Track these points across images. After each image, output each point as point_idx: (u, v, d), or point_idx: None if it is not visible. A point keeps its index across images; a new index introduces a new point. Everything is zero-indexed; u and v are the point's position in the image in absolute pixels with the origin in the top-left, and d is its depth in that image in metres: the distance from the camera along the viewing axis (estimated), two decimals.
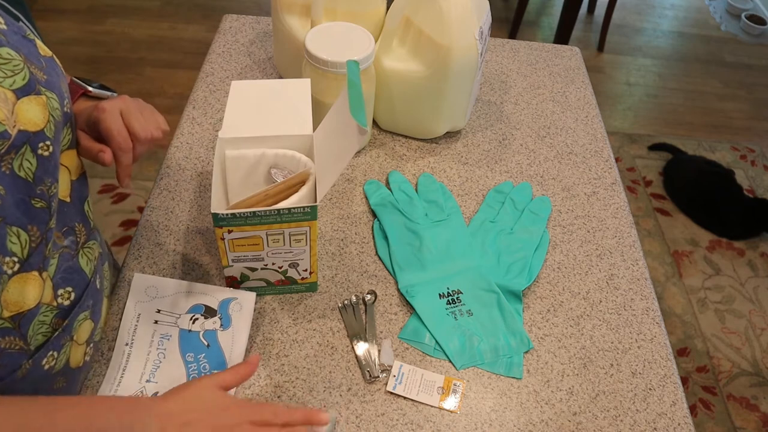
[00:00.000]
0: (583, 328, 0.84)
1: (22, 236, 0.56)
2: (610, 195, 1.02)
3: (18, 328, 0.58)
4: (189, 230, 0.90)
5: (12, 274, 0.55)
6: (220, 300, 0.78)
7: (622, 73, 2.93)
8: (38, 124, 0.55)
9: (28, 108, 0.55)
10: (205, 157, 1.00)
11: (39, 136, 0.56)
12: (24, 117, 0.54)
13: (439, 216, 0.93)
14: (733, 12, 3.43)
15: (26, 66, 0.55)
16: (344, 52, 0.88)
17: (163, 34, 2.80)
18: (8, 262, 0.55)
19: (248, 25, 1.26)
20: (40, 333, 0.62)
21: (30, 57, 0.57)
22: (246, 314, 0.78)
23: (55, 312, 0.63)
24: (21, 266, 0.56)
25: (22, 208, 0.55)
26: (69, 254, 0.65)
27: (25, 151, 0.54)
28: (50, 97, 0.58)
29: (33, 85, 0.55)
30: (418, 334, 0.80)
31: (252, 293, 0.79)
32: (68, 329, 0.66)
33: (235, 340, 0.76)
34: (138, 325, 0.76)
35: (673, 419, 0.76)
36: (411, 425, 0.73)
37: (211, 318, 0.77)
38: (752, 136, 2.69)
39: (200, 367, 0.73)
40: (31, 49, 0.58)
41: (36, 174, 0.56)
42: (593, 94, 1.22)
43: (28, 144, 0.55)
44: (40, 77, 0.57)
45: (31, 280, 0.58)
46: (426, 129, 1.05)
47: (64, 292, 0.64)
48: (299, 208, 0.69)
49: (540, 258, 0.91)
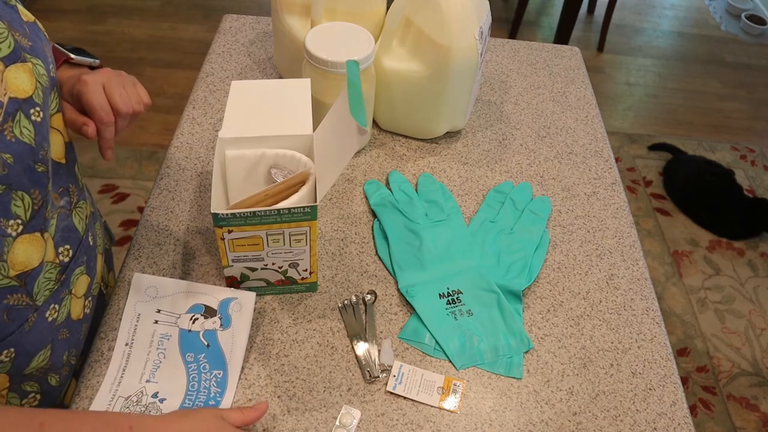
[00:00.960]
0: (583, 328, 0.84)
1: (26, 199, 0.58)
2: (610, 195, 1.02)
3: (24, 286, 0.61)
4: (189, 230, 0.90)
5: (16, 235, 0.58)
6: (220, 300, 0.78)
7: (622, 73, 2.93)
8: (27, 90, 0.56)
9: (16, 75, 0.55)
10: (205, 157, 1.00)
11: (29, 103, 0.57)
12: (13, 84, 0.55)
13: (439, 216, 0.93)
14: (733, 12, 3.43)
15: (10, 33, 0.55)
16: (344, 52, 0.88)
17: (163, 34, 2.80)
18: (12, 225, 0.57)
19: (248, 25, 1.26)
20: (47, 289, 0.65)
21: (13, 24, 0.57)
22: (246, 314, 0.77)
23: (57, 269, 0.66)
24: (24, 228, 0.58)
25: (27, 173, 0.57)
26: (65, 214, 0.68)
27: (20, 117, 0.55)
28: (36, 63, 0.58)
29: (18, 52, 0.56)
30: (418, 334, 0.80)
31: (252, 293, 0.79)
32: (66, 283, 0.69)
33: (235, 339, 0.76)
34: (138, 325, 0.76)
35: (673, 419, 0.76)
36: (411, 425, 0.73)
37: (211, 318, 0.77)
38: (752, 136, 2.69)
39: (200, 367, 0.73)
40: (14, 16, 0.58)
41: (36, 140, 0.57)
42: (593, 94, 1.22)
43: (21, 110, 0.56)
44: (25, 44, 0.57)
45: (34, 241, 0.60)
46: (426, 129, 1.05)
47: (64, 250, 0.67)
48: (299, 208, 0.69)
49: (540, 258, 0.91)
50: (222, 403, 0.71)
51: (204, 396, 0.71)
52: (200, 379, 0.73)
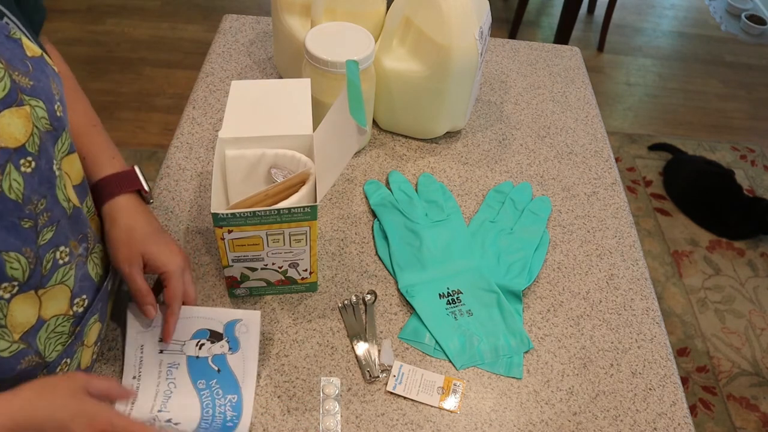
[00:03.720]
0: (583, 328, 0.84)
1: (22, 261, 0.54)
2: (610, 195, 1.02)
3: (30, 346, 0.58)
4: (189, 230, 0.90)
5: (10, 297, 0.54)
6: (225, 323, 0.75)
7: (622, 73, 2.93)
8: (19, 139, 0.51)
9: (9, 122, 0.50)
10: (205, 157, 1.00)
11: (20, 152, 0.52)
12: (5, 132, 0.50)
13: (439, 216, 0.93)
14: (733, 12, 3.43)
15: (7, 73, 0.50)
16: (344, 52, 0.88)
17: (163, 34, 2.80)
18: (6, 287, 0.54)
19: (248, 25, 1.26)
20: (59, 344, 0.62)
21: (12, 61, 0.52)
22: (253, 335, 0.75)
23: (71, 321, 0.63)
24: (19, 289, 0.55)
25: (13, 232, 0.53)
26: (82, 262, 0.64)
27: (10, 170, 0.51)
28: (35, 105, 0.54)
29: (14, 95, 0.51)
30: (418, 334, 0.80)
31: (257, 312, 0.76)
32: (80, 335, 0.65)
33: (246, 362, 0.73)
34: (143, 357, 0.73)
35: (673, 419, 0.76)
36: (411, 425, 0.73)
37: (218, 342, 0.74)
38: (752, 136, 2.69)
39: (213, 393, 0.71)
40: (15, 51, 0.53)
41: (24, 193, 0.53)
42: (593, 94, 1.22)
43: (11, 162, 0.51)
44: (25, 84, 0.53)
45: (28, 299, 0.57)
46: (426, 129, 1.05)
47: (80, 300, 0.64)
48: (299, 208, 0.69)
49: (540, 258, 0.91)
50: (239, 427, 0.69)
51: (220, 421, 0.69)
52: (214, 405, 0.70)
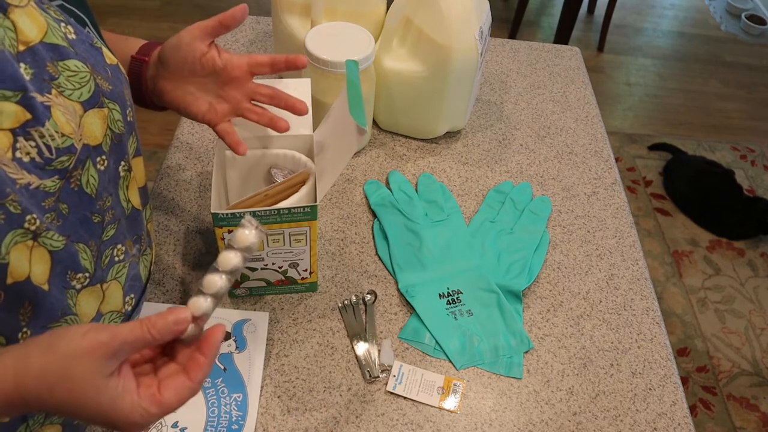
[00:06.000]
0: (583, 328, 0.84)
1: (88, 253, 0.56)
2: (610, 195, 1.02)
3: None
4: (189, 230, 0.90)
5: (80, 288, 0.56)
6: (233, 323, 0.78)
7: (622, 73, 2.93)
8: (98, 137, 0.55)
9: (92, 121, 0.54)
10: (205, 157, 1.00)
11: (98, 150, 0.55)
12: (88, 130, 0.54)
13: (439, 216, 0.93)
14: (733, 12, 3.43)
15: (92, 77, 0.54)
16: (344, 52, 0.88)
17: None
18: (79, 278, 0.56)
19: (248, 25, 1.26)
20: None
21: (96, 67, 0.56)
22: (261, 335, 0.77)
23: (121, 318, 0.65)
24: (89, 281, 0.57)
25: (84, 225, 0.55)
26: (135, 262, 0.66)
27: (89, 166, 0.54)
28: (112, 108, 0.57)
29: (97, 97, 0.55)
30: (418, 334, 0.80)
31: (265, 314, 0.78)
32: None
33: (252, 361, 0.75)
34: None
35: (673, 419, 0.76)
36: (411, 425, 0.73)
37: (225, 341, 0.76)
38: (752, 136, 2.69)
39: (218, 392, 0.72)
40: (98, 58, 0.57)
41: (98, 189, 0.56)
42: (593, 94, 1.22)
43: (90, 159, 0.54)
44: (105, 88, 0.57)
45: (94, 292, 0.59)
46: (426, 129, 1.05)
47: (129, 299, 0.66)
48: (299, 208, 0.69)
49: (540, 258, 0.91)
50: (245, 427, 0.70)
51: (226, 421, 0.70)
52: (219, 404, 0.71)
